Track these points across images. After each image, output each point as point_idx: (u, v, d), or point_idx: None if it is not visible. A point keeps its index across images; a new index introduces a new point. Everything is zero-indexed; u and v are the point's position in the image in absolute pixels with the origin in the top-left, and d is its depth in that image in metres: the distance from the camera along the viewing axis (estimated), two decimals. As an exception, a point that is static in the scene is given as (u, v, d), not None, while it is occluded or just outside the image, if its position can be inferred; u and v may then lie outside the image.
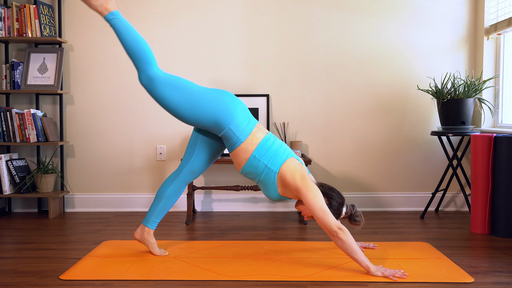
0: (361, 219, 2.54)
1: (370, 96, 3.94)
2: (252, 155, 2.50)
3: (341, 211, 2.50)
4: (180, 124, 3.94)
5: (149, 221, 2.71)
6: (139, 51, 2.49)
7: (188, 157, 2.70)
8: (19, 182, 3.72)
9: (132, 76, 3.93)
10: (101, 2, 2.50)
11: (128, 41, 2.49)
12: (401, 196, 3.98)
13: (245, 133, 2.52)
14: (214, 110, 2.48)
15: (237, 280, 2.31)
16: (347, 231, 2.32)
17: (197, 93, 2.51)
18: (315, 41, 3.92)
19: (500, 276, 2.37)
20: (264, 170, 2.50)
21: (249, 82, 3.93)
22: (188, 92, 2.50)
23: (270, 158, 2.49)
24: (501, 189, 3.12)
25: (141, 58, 2.49)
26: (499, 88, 3.77)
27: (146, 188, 3.98)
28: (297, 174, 2.44)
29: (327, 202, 2.47)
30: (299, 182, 2.42)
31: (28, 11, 3.69)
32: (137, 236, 2.73)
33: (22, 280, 2.32)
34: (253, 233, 3.23)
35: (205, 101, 2.49)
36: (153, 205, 2.72)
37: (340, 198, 2.50)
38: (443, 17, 3.92)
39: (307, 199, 2.38)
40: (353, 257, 2.34)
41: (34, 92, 3.80)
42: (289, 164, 2.48)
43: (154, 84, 2.49)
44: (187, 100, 2.49)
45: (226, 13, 3.91)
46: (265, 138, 2.53)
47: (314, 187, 2.41)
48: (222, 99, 2.51)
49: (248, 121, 2.55)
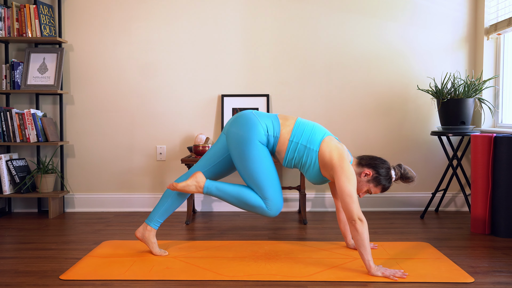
0: (412, 174, 2.54)
1: (370, 96, 3.94)
2: (290, 140, 2.54)
3: (391, 175, 2.51)
4: (180, 124, 3.94)
5: (152, 220, 2.70)
6: (247, 204, 2.57)
7: (206, 164, 2.70)
8: (19, 182, 3.72)
9: (132, 76, 3.93)
10: (194, 186, 2.60)
11: (232, 202, 2.60)
12: (401, 196, 3.98)
13: (276, 129, 2.56)
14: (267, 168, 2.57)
15: (237, 280, 2.31)
16: (365, 224, 2.33)
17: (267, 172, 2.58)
18: (315, 41, 3.92)
19: (500, 276, 2.37)
20: (305, 151, 2.52)
21: (249, 82, 3.93)
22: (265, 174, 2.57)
23: (307, 138, 2.53)
24: (501, 189, 3.12)
25: (254, 206, 2.56)
26: (499, 88, 3.77)
27: (146, 188, 3.98)
28: (335, 152, 2.46)
29: (374, 172, 2.48)
30: (336, 161, 2.43)
31: (28, 11, 3.69)
32: (139, 234, 2.72)
33: (22, 280, 2.32)
34: (253, 233, 3.22)
35: (265, 169, 2.57)
36: (159, 205, 2.71)
37: (384, 163, 2.51)
38: (443, 17, 3.92)
39: (339, 180, 2.39)
40: (360, 251, 2.34)
41: (34, 92, 3.80)
42: (328, 142, 2.51)
43: (270, 199, 2.56)
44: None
45: (226, 13, 3.91)
46: (297, 121, 2.59)
47: (350, 170, 2.41)
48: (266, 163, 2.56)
49: (270, 119, 2.59)
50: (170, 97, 3.94)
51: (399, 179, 2.55)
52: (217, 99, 3.94)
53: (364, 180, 2.50)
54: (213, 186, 2.59)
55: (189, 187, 2.59)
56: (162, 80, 3.94)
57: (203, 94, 3.94)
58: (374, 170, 2.49)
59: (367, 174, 2.49)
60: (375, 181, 2.50)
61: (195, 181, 2.59)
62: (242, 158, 2.54)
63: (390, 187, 2.55)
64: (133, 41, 3.92)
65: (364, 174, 2.49)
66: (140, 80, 3.94)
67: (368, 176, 2.49)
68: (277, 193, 2.56)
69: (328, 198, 3.96)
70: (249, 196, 2.55)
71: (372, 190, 2.53)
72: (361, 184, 2.52)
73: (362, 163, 2.52)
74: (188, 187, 2.59)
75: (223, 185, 2.60)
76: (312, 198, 3.96)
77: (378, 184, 2.50)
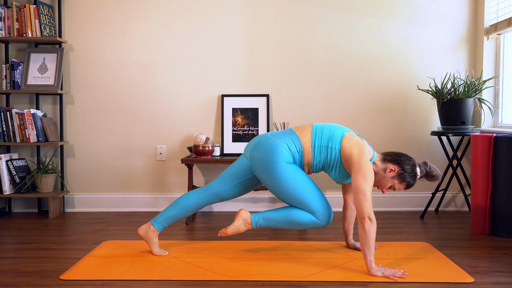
0: (438, 172, 2.54)
1: (370, 96, 3.94)
2: (312, 147, 2.54)
3: (416, 172, 2.50)
4: (180, 124, 3.94)
5: (157, 222, 2.69)
6: (298, 224, 2.56)
7: (226, 183, 2.68)
8: (19, 182, 3.72)
9: (132, 76, 3.93)
10: (243, 225, 2.61)
11: (283, 227, 2.60)
12: (401, 196, 3.98)
13: (297, 143, 2.56)
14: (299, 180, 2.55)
15: (237, 280, 2.31)
16: (374, 225, 2.33)
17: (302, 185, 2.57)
18: (315, 41, 3.92)
19: (500, 276, 2.37)
20: (328, 151, 2.52)
21: (249, 82, 3.93)
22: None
23: (328, 138, 2.53)
24: (501, 189, 3.12)
25: (305, 223, 2.55)
26: (499, 88, 3.77)
27: (146, 188, 3.98)
28: (355, 148, 2.46)
29: (400, 168, 2.48)
30: (355, 157, 2.43)
31: (28, 11, 3.69)
32: (141, 232, 2.71)
33: (22, 280, 2.32)
34: (253, 233, 3.22)
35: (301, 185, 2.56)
36: (168, 210, 2.70)
37: (410, 160, 2.51)
38: (443, 17, 3.92)
39: (356, 177, 2.39)
40: (363, 249, 2.34)
41: (34, 92, 3.80)
42: (349, 138, 2.51)
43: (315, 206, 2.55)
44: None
45: (227, 13, 3.91)
46: (313, 127, 2.59)
47: (368, 168, 2.40)
48: (296, 173, 2.55)
49: (287, 135, 2.59)
50: (170, 97, 3.94)
51: (424, 176, 2.54)
52: (217, 99, 3.94)
53: (389, 176, 2.50)
54: (260, 219, 2.59)
55: (239, 228, 2.61)
56: (162, 80, 3.94)
57: (203, 94, 3.94)
58: (399, 167, 2.48)
59: (392, 170, 2.49)
60: (400, 178, 2.49)
61: (242, 220, 2.60)
62: (275, 183, 2.53)
63: (415, 184, 2.56)
64: (133, 41, 3.92)
65: (389, 170, 2.49)
66: (140, 80, 3.94)
67: (393, 172, 2.49)
68: (322, 202, 2.55)
69: (328, 198, 3.96)
70: (297, 216, 2.54)
71: (396, 186, 2.52)
72: (386, 180, 2.51)
73: (387, 159, 2.52)
74: (238, 228, 2.61)
75: (269, 213, 2.59)
76: (312, 198, 3.96)
77: (403, 180, 2.50)
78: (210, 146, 3.59)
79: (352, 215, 2.79)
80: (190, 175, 3.60)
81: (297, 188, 2.51)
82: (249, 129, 3.87)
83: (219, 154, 3.80)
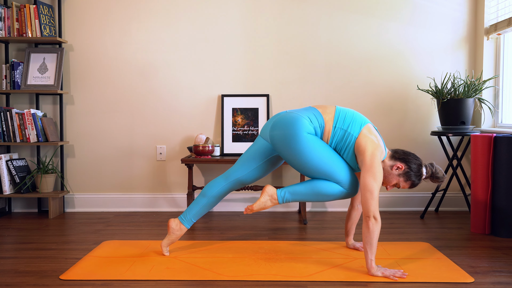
0: (443, 174, 2.55)
1: (370, 96, 3.94)
2: (333, 127, 2.53)
3: (422, 172, 2.51)
4: (180, 124, 3.94)
5: (187, 220, 2.68)
6: (326, 195, 2.53)
7: (245, 168, 2.66)
8: (19, 182, 3.72)
9: (132, 76, 3.93)
10: (269, 201, 2.59)
11: (310, 200, 2.58)
12: (401, 196, 3.98)
13: (319, 119, 2.54)
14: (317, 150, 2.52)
15: (237, 280, 2.31)
16: (378, 224, 2.33)
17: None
18: (315, 41, 3.92)
19: (500, 276, 2.37)
20: (345, 135, 2.51)
21: (249, 82, 3.93)
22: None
23: (348, 124, 2.52)
24: (501, 189, 3.12)
25: (333, 194, 2.52)
26: (499, 88, 3.77)
27: (146, 188, 3.98)
28: (369, 146, 2.45)
29: (406, 167, 2.48)
30: (368, 156, 2.42)
31: (28, 11, 3.69)
32: (173, 225, 2.69)
33: (22, 280, 2.32)
34: (253, 233, 3.23)
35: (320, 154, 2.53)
36: (194, 205, 2.69)
37: (417, 160, 2.52)
38: (443, 17, 3.92)
39: (365, 175, 2.38)
40: (365, 248, 2.34)
41: (34, 92, 3.80)
42: (367, 132, 2.51)
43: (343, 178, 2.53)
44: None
45: (227, 13, 3.91)
46: (337, 109, 2.58)
47: (379, 169, 2.40)
48: (314, 141, 2.53)
49: (309, 111, 2.57)
50: (170, 97, 3.94)
51: (429, 177, 2.55)
52: (217, 99, 3.94)
53: (395, 173, 2.51)
54: (286, 193, 2.57)
55: (265, 204, 2.58)
56: (162, 80, 3.94)
57: (203, 94, 3.94)
58: (406, 165, 2.49)
59: (399, 168, 2.49)
60: (406, 176, 2.50)
61: (268, 196, 2.58)
62: (299, 155, 2.50)
63: (419, 184, 2.57)
64: (133, 41, 3.92)
65: (396, 168, 2.50)
66: (140, 80, 3.94)
67: (399, 170, 2.50)
68: (348, 172, 2.52)
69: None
70: (324, 187, 2.52)
71: (401, 184, 2.53)
72: (391, 177, 2.51)
73: (396, 156, 2.53)
74: (264, 204, 2.58)
75: (295, 187, 2.57)
76: (312, 198, 3.96)
77: (408, 179, 2.51)
78: (210, 146, 3.60)
79: (357, 216, 2.79)
80: (190, 175, 3.60)
81: (322, 158, 2.49)
82: (249, 129, 3.87)
83: (219, 154, 3.80)
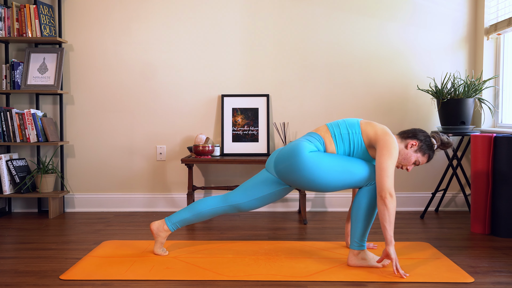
0: (450, 139, 2.62)
1: (370, 96, 3.94)
2: (333, 136, 2.53)
3: (432, 142, 2.56)
4: (180, 124, 3.94)
5: (172, 222, 2.68)
6: (374, 202, 2.49)
7: (247, 195, 2.62)
8: (19, 182, 3.72)
9: (132, 76, 3.93)
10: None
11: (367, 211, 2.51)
12: (401, 196, 3.98)
13: (316, 136, 2.56)
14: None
15: (237, 280, 2.31)
16: (394, 200, 2.33)
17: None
18: (315, 41, 3.92)
19: (500, 276, 2.37)
20: (350, 137, 2.52)
21: (249, 82, 3.94)
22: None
23: (346, 127, 2.54)
24: (501, 189, 3.12)
25: (374, 196, 2.47)
26: (499, 88, 3.77)
27: (146, 188, 3.98)
28: (378, 127, 2.49)
29: (418, 141, 2.53)
30: (380, 134, 2.45)
31: (28, 11, 3.69)
32: (154, 227, 2.69)
33: (22, 280, 2.32)
34: (253, 233, 3.23)
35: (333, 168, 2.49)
36: (183, 212, 2.68)
37: (423, 132, 2.58)
38: (443, 17, 3.92)
39: (381, 153, 2.39)
40: (385, 225, 2.33)
41: (34, 92, 3.80)
42: (367, 122, 2.55)
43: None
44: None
45: (227, 13, 3.91)
46: (328, 124, 2.60)
47: (394, 144, 2.41)
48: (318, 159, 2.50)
49: (304, 136, 2.60)
50: (170, 97, 3.94)
51: (440, 146, 2.60)
52: (217, 99, 3.94)
53: (411, 151, 2.53)
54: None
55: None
56: (162, 80, 3.94)
57: (203, 94, 3.94)
58: (418, 140, 2.54)
59: (413, 145, 2.53)
60: (421, 151, 2.54)
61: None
62: (311, 176, 2.45)
63: (434, 156, 2.60)
64: (133, 41, 3.92)
65: (410, 145, 2.53)
66: (140, 80, 3.94)
67: (414, 146, 2.53)
68: (364, 166, 2.47)
69: (328, 198, 3.96)
70: (365, 198, 2.48)
71: (420, 160, 2.55)
72: (409, 155, 2.53)
73: (405, 136, 2.57)
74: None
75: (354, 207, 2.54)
76: (312, 198, 3.96)
77: (425, 153, 2.55)
78: (210, 146, 3.60)
79: None
80: (190, 175, 3.60)
81: (334, 167, 2.45)
82: (249, 129, 3.87)
83: (219, 154, 3.80)
